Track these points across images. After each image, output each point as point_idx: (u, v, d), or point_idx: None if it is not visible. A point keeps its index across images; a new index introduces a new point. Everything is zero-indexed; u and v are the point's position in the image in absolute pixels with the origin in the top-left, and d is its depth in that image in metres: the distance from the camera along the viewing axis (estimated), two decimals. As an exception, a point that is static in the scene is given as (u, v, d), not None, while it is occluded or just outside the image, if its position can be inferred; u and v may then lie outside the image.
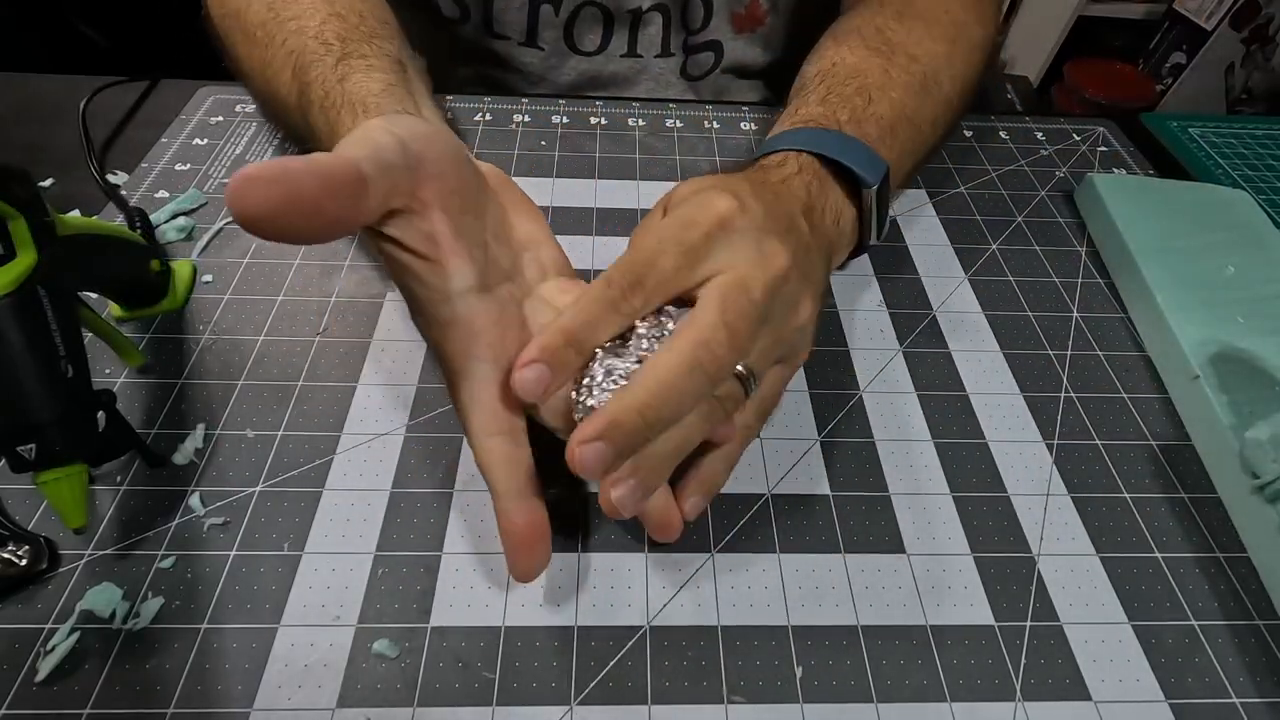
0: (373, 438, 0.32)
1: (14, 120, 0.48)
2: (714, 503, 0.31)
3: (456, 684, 0.25)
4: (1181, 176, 0.51)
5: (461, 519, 0.30)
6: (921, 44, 0.41)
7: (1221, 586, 0.29)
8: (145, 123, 0.48)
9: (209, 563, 0.28)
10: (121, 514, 0.29)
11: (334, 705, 0.25)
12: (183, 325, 0.36)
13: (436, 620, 0.27)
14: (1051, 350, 0.38)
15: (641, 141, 0.50)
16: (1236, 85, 0.94)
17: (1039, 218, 0.46)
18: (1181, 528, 0.31)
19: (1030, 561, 0.30)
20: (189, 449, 0.31)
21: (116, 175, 0.44)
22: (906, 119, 0.38)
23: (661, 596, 0.28)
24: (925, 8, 0.44)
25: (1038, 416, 0.35)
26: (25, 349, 0.25)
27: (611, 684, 0.26)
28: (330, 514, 0.30)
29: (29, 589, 0.27)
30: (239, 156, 0.46)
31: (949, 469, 0.33)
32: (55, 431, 0.25)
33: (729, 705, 0.25)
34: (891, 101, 0.37)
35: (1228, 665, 0.27)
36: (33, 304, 0.25)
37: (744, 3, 0.55)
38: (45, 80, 0.51)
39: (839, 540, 0.30)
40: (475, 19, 0.55)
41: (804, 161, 0.33)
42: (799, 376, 0.36)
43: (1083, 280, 0.42)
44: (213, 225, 0.41)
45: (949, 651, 0.27)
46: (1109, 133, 0.54)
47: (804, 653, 0.27)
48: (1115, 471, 0.33)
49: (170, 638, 0.26)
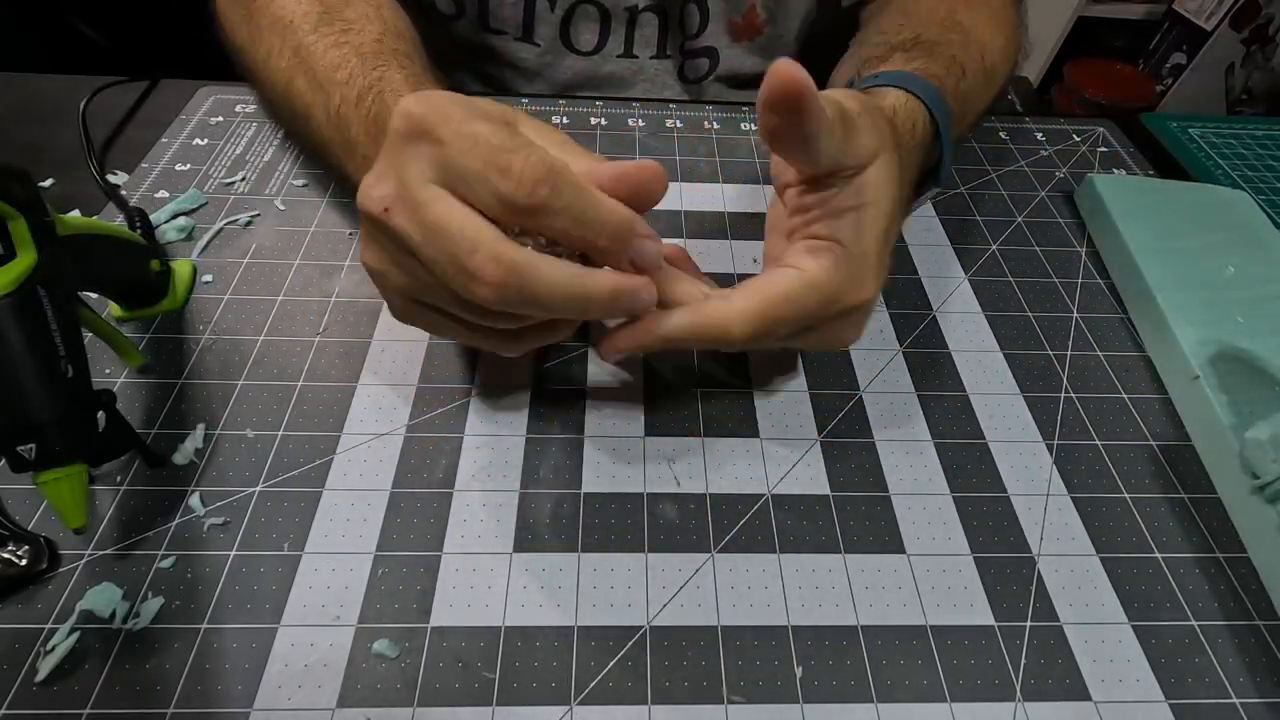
0: (373, 438, 0.32)
1: (14, 120, 0.48)
2: (714, 503, 0.31)
3: (456, 684, 0.25)
4: (1181, 177, 0.51)
5: (461, 519, 0.30)
6: (988, 34, 0.42)
7: (1221, 587, 0.29)
8: (145, 123, 0.48)
9: (209, 563, 0.28)
10: (121, 514, 0.29)
11: (334, 705, 0.25)
12: (183, 325, 0.36)
13: (436, 620, 0.27)
14: (1051, 350, 0.38)
15: (641, 142, 0.50)
16: (1236, 85, 0.94)
17: (1039, 218, 0.46)
18: (1181, 528, 0.31)
19: (1030, 562, 0.30)
20: (189, 449, 0.31)
21: (116, 175, 0.44)
22: (972, 103, 0.39)
23: (661, 596, 0.28)
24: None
25: (1038, 416, 0.35)
26: (25, 349, 0.25)
27: (611, 684, 0.26)
28: (330, 514, 0.30)
29: (29, 589, 0.27)
30: (239, 156, 0.46)
31: (949, 469, 0.33)
32: (55, 431, 0.25)
33: (729, 705, 0.25)
34: (966, 84, 0.39)
35: (1228, 665, 0.27)
36: (33, 304, 0.25)
37: (740, 10, 0.55)
38: (45, 80, 0.51)
39: (839, 540, 0.30)
40: (470, 14, 0.55)
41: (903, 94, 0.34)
42: (799, 376, 0.36)
43: (1083, 280, 0.42)
44: (213, 225, 0.41)
45: (949, 651, 0.27)
46: (1109, 133, 0.54)
47: (804, 653, 0.27)
48: (1115, 471, 0.33)
49: (170, 638, 0.26)
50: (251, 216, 0.42)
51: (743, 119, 0.52)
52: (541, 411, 0.34)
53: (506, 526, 0.30)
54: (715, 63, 0.58)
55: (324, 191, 0.44)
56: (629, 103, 0.53)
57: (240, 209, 0.43)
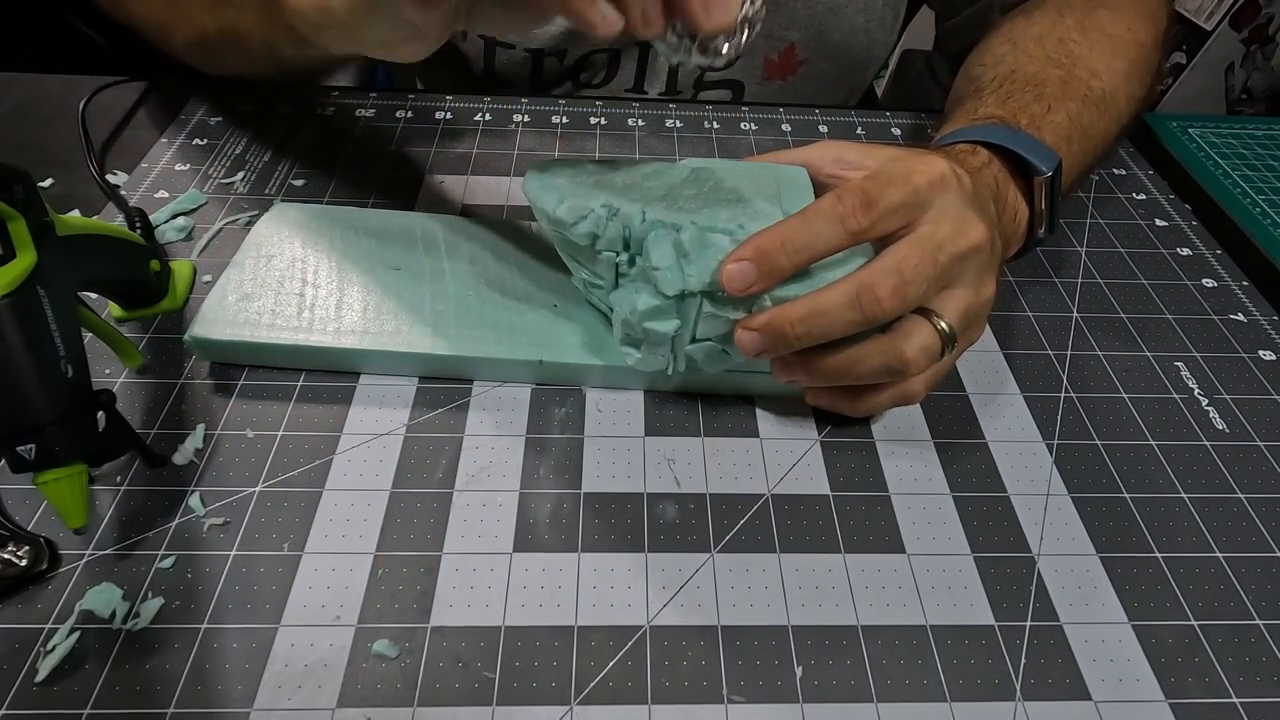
0: (373, 438, 0.32)
1: (14, 120, 0.48)
2: (714, 502, 0.31)
3: (456, 684, 0.25)
4: (1181, 176, 0.51)
5: (461, 519, 0.30)
6: (1104, 60, 0.42)
7: (1221, 586, 0.29)
8: (145, 123, 0.48)
9: (209, 563, 0.28)
10: (121, 514, 0.29)
11: (334, 705, 0.25)
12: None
13: (436, 620, 0.27)
14: (1052, 350, 0.38)
15: (642, 141, 0.50)
16: (1236, 85, 0.94)
17: (1039, 218, 0.46)
18: (1181, 528, 0.31)
19: (1030, 561, 0.30)
20: (189, 449, 0.31)
21: (116, 175, 0.44)
22: (1082, 130, 0.39)
23: (661, 596, 0.28)
24: (1108, 23, 0.44)
25: (1038, 416, 0.35)
26: (25, 349, 0.25)
27: (611, 684, 0.26)
28: (330, 514, 0.30)
29: (29, 589, 0.27)
30: (239, 156, 0.46)
31: (949, 469, 0.33)
32: (55, 431, 0.25)
33: (729, 705, 0.25)
34: (1069, 112, 0.38)
35: (1228, 665, 0.27)
36: (32, 304, 0.25)
37: (778, 49, 0.54)
38: (45, 80, 0.51)
39: (839, 540, 0.30)
40: (477, 69, 0.55)
41: (991, 156, 0.35)
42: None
43: (1083, 280, 0.42)
44: (213, 225, 0.41)
45: (949, 651, 0.27)
46: (1109, 133, 0.54)
47: (804, 653, 0.27)
48: (1115, 471, 0.33)
49: (170, 638, 0.26)
50: (251, 216, 0.42)
51: (742, 119, 0.52)
52: (541, 411, 0.34)
53: (506, 526, 0.30)
54: (739, 97, 0.58)
55: (324, 191, 0.44)
56: (629, 102, 0.53)
57: (240, 209, 0.43)
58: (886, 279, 0.27)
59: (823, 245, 0.28)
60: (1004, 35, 0.46)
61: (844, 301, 0.27)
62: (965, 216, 0.29)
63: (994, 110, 0.38)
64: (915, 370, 0.29)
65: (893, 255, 0.28)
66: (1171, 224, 0.47)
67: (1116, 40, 0.44)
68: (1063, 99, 0.39)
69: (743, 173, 0.33)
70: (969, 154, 0.35)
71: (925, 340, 0.29)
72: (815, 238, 0.27)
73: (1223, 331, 0.40)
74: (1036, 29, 0.44)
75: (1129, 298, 0.41)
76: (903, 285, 0.27)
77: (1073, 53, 0.42)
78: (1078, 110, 0.39)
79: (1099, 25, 0.44)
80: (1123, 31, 0.44)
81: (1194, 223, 0.47)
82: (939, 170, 0.28)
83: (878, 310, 0.27)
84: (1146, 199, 0.49)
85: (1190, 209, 0.48)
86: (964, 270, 0.29)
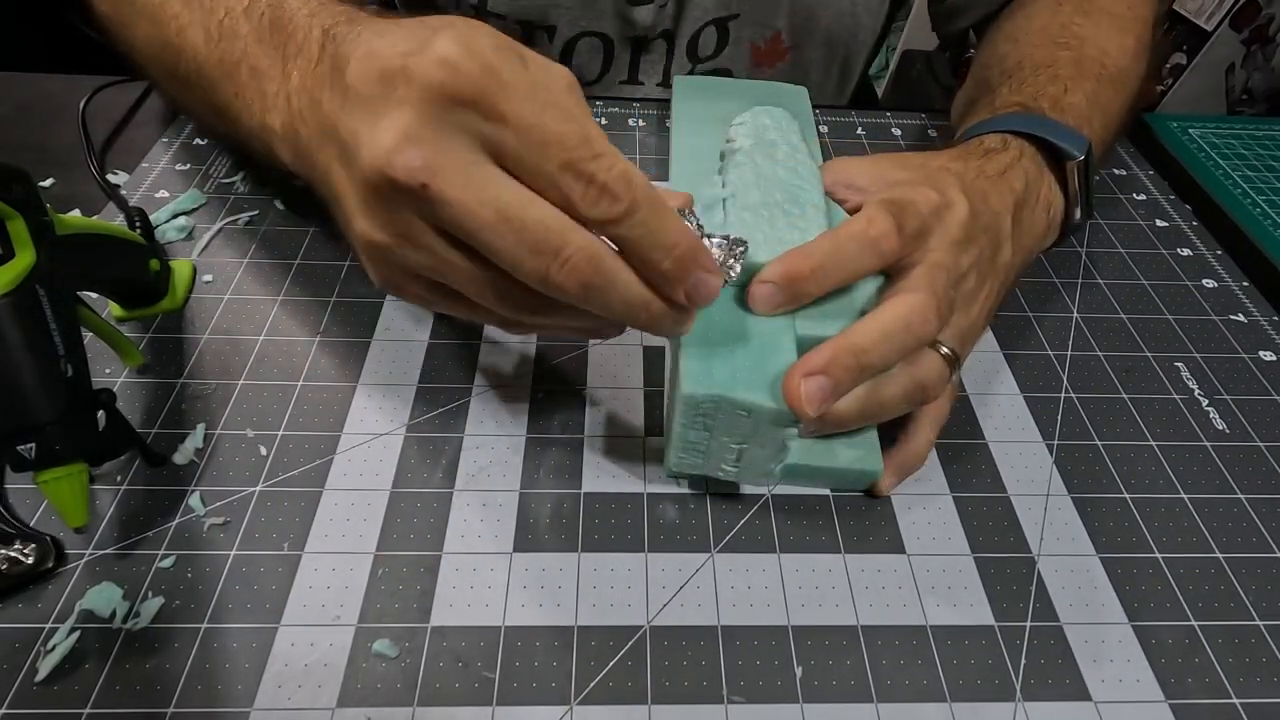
0: (373, 438, 0.32)
1: (14, 120, 0.48)
2: (714, 503, 0.31)
3: (456, 684, 0.25)
4: (1182, 176, 0.51)
5: (461, 519, 0.30)
6: (1112, 38, 0.42)
7: (1221, 587, 0.29)
8: (145, 123, 0.48)
9: (209, 562, 0.28)
10: (121, 514, 0.29)
11: (334, 705, 0.25)
12: (182, 325, 0.36)
13: (436, 620, 0.27)
14: (1051, 350, 0.38)
15: (641, 141, 0.50)
16: (1236, 86, 0.94)
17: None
18: (1181, 528, 0.31)
19: (1030, 561, 0.30)
20: (189, 449, 0.31)
21: (116, 175, 0.44)
22: (1100, 109, 0.39)
23: (661, 596, 0.28)
24: (1109, 3, 0.44)
25: (1038, 416, 0.35)
26: (25, 349, 0.25)
27: (611, 684, 0.26)
28: (330, 514, 0.30)
29: (29, 589, 0.27)
30: (239, 156, 0.46)
31: (949, 469, 0.33)
32: (55, 431, 0.25)
33: (729, 705, 0.25)
34: (1086, 92, 0.38)
35: (1228, 665, 0.27)
36: (32, 304, 0.25)
37: (765, 36, 0.54)
38: (45, 80, 0.51)
39: (839, 540, 0.30)
40: None
41: (1023, 147, 0.35)
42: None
43: (1083, 280, 0.42)
44: (213, 225, 0.41)
45: (949, 651, 0.27)
46: (1109, 133, 0.54)
47: (804, 653, 0.27)
48: (1115, 471, 0.33)
49: (170, 638, 0.26)
50: (251, 216, 0.42)
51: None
52: (541, 411, 0.34)
53: (506, 526, 0.30)
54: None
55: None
56: (629, 102, 0.53)
57: (240, 209, 0.43)
58: (931, 301, 0.27)
59: (853, 270, 0.28)
60: (1005, 35, 0.46)
61: (900, 324, 0.27)
62: (960, 243, 0.30)
63: (1012, 98, 0.38)
64: (935, 393, 0.29)
65: (921, 279, 0.28)
66: (1172, 224, 0.47)
67: (1120, 19, 0.44)
68: (1078, 79, 0.39)
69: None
70: (998, 150, 0.35)
71: (933, 363, 0.29)
72: (846, 261, 0.28)
73: (1223, 332, 0.40)
74: (1037, 22, 0.44)
75: (1129, 298, 0.41)
76: (940, 307, 0.28)
77: (1079, 34, 0.41)
78: (1094, 89, 0.39)
79: (1100, 6, 0.44)
80: (1125, 10, 0.44)
81: (1194, 223, 0.47)
82: (931, 202, 0.29)
83: (926, 330, 0.27)
84: (1147, 199, 0.49)
85: (1190, 209, 0.48)
86: (957, 295, 0.30)
